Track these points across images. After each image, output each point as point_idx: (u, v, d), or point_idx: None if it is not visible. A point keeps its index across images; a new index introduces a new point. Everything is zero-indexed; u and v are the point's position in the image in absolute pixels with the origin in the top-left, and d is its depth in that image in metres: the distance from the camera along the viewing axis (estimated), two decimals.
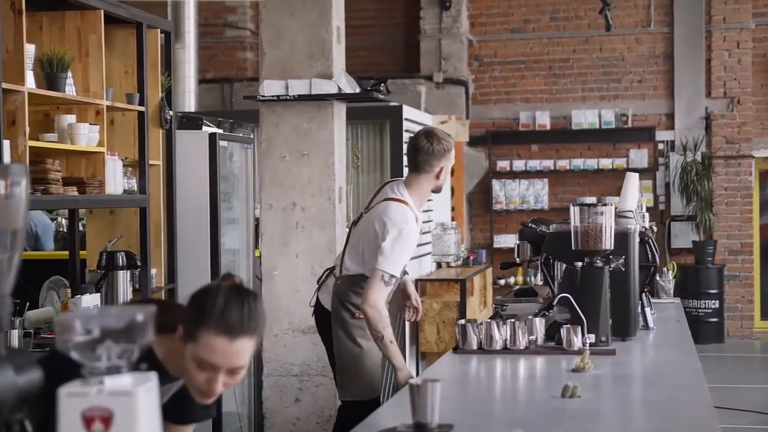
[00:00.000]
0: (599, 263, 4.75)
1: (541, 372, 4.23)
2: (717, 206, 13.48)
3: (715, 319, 13.23)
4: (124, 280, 5.81)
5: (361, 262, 5.09)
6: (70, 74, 5.31)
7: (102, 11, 5.58)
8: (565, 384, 3.58)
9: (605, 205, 4.79)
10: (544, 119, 13.83)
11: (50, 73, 5.17)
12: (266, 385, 6.78)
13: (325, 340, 5.33)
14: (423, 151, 5.09)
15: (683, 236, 13.54)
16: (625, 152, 13.71)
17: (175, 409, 2.97)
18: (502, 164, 13.90)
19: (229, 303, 2.62)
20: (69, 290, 5.86)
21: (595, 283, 4.69)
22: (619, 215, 5.48)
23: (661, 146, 13.76)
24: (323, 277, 5.34)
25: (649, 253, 5.45)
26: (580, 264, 4.73)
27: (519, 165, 13.86)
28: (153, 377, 1.94)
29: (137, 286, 5.98)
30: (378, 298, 4.87)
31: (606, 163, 13.61)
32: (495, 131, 14.03)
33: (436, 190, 5.24)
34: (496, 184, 13.90)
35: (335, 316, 5.16)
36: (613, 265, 4.82)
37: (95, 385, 1.86)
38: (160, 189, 6.36)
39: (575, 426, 3.24)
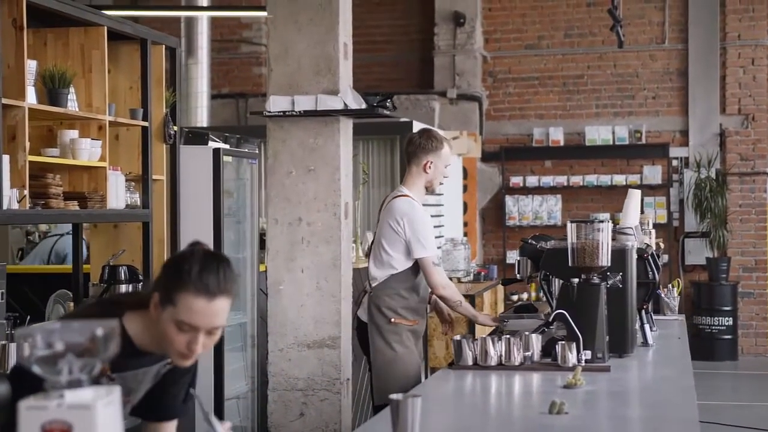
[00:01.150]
0: (596, 280, 4.75)
1: (532, 388, 4.24)
2: (731, 223, 13.44)
3: (728, 337, 13.18)
4: None
5: (385, 261, 5.49)
6: (72, 90, 5.36)
7: (105, 28, 5.63)
8: (552, 400, 3.59)
9: (602, 221, 4.80)
10: (557, 135, 13.84)
11: (52, 88, 5.21)
12: (271, 400, 6.78)
13: (366, 352, 5.65)
14: (412, 143, 5.63)
15: (697, 253, 13.50)
16: (639, 168, 13.69)
17: (154, 407, 3.03)
18: (516, 180, 13.91)
19: (205, 266, 2.71)
20: (72, 304, 5.90)
21: (591, 300, 4.70)
22: (620, 232, 5.48)
23: (675, 163, 13.73)
24: (359, 298, 5.72)
25: (649, 270, 5.44)
26: (576, 280, 4.74)
27: (532, 181, 13.86)
28: (115, 390, 1.96)
29: None
30: (443, 279, 5.48)
31: (619, 179, 13.59)
32: (508, 147, 14.04)
33: (429, 187, 5.61)
34: (509, 200, 13.90)
35: (371, 323, 5.50)
36: (610, 282, 4.83)
37: (55, 399, 1.88)
38: (163, 204, 6.40)
39: None
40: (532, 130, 13.99)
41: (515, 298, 13.22)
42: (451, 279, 10.27)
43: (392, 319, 5.44)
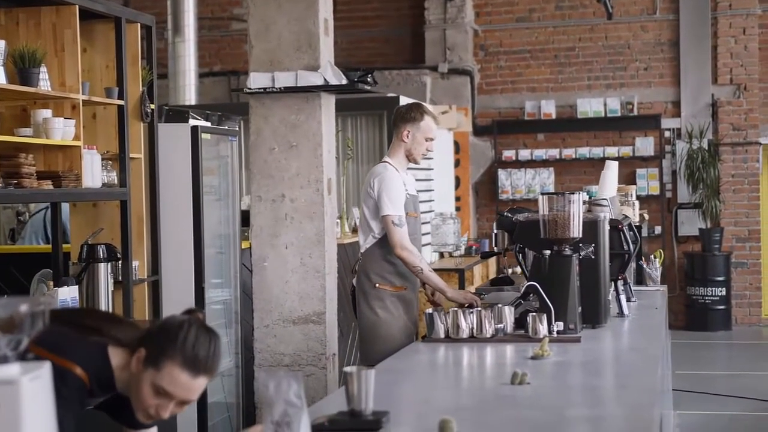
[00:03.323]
0: (567, 251, 4.76)
1: (500, 360, 4.25)
2: (724, 193, 13.43)
3: (722, 307, 13.20)
4: (105, 273, 5.86)
5: (366, 227, 5.63)
6: (44, 69, 5.35)
7: (77, 6, 5.61)
8: (514, 371, 3.60)
9: (573, 193, 4.80)
10: (549, 108, 13.83)
11: (23, 68, 5.20)
12: (257, 376, 6.81)
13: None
14: (396, 113, 5.83)
15: (690, 224, 13.51)
16: (631, 140, 13.68)
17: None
18: (508, 154, 13.90)
19: (198, 341, 2.75)
20: (51, 283, 5.91)
21: (562, 271, 4.72)
22: (594, 203, 5.50)
23: (667, 134, 13.71)
24: (354, 265, 5.88)
25: (624, 241, 5.45)
26: (548, 252, 4.75)
27: (525, 154, 13.86)
28: (45, 366, 1.97)
29: (119, 278, 6.04)
30: (401, 240, 5.45)
31: (612, 151, 13.58)
32: (501, 121, 14.03)
33: (409, 156, 5.70)
34: (502, 174, 13.90)
35: (358, 288, 5.65)
36: (582, 253, 4.84)
37: None
38: (142, 182, 6.40)
39: (513, 412, 3.27)
40: (524, 103, 13.97)
41: (509, 271, 13.23)
42: (441, 254, 10.36)
43: (377, 284, 5.55)
